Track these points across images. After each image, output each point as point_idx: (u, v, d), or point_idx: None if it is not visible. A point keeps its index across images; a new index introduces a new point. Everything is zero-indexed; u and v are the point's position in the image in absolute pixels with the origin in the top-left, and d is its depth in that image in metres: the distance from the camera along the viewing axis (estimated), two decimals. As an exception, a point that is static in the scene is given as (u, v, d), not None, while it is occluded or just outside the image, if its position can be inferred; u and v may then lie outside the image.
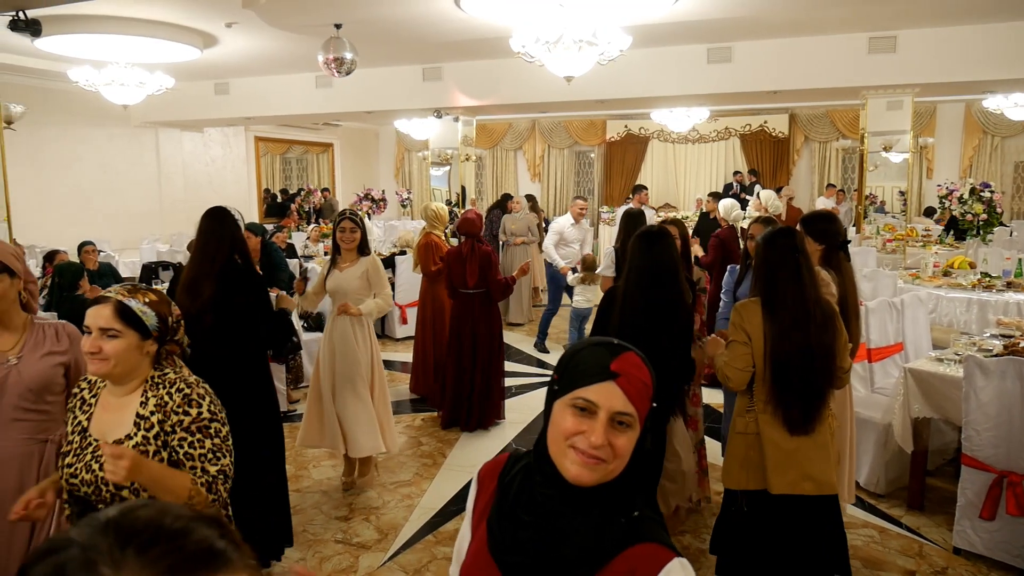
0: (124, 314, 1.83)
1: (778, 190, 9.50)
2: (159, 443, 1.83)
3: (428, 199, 16.06)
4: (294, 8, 6.32)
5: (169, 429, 1.83)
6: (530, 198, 11.56)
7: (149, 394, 1.86)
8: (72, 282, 5.05)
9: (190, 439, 1.83)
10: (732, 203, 6.62)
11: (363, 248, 4.21)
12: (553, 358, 7.36)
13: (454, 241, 6.50)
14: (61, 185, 10.30)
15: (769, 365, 2.71)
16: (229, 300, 3.21)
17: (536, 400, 6.04)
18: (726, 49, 8.20)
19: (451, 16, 6.60)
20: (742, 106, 13.13)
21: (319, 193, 13.96)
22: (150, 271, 7.50)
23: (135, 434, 1.84)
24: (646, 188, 10.65)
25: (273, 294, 3.84)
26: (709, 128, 14.41)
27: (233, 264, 3.29)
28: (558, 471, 1.17)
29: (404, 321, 8.14)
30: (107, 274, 7.10)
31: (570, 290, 7.31)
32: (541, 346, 7.62)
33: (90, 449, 1.85)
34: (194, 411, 1.85)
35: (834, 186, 12.72)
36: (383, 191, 12.06)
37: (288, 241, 9.14)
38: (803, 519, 2.82)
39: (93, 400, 1.95)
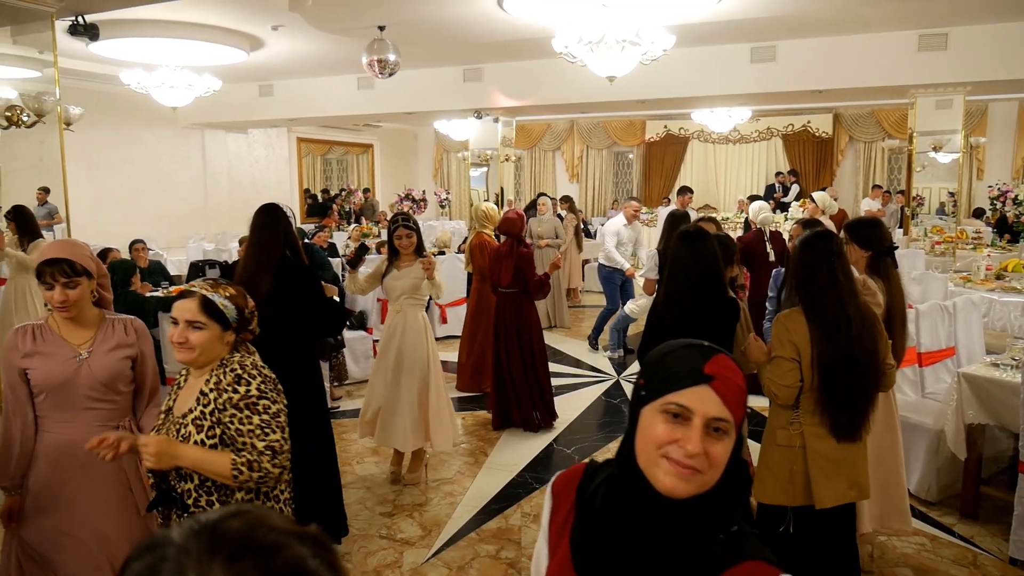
0: (208, 308, 1.97)
1: (822, 191, 9.35)
2: (213, 419, 1.93)
3: (466, 199, 16.19)
4: (339, 10, 6.42)
5: (221, 406, 1.93)
6: (567, 199, 11.54)
7: (214, 374, 1.99)
8: (125, 279, 5.25)
9: (239, 415, 1.92)
10: (761, 206, 6.52)
11: (419, 249, 4.38)
12: (597, 359, 7.32)
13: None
14: (113, 185, 10.60)
15: (816, 373, 2.64)
16: (284, 295, 3.28)
17: (577, 400, 6.04)
18: (770, 48, 8.09)
19: (493, 17, 6.63)
20: (785, 106, 12.95)
21: (360, 193, 14.13)
22: (198, 269, 7.66)
23: (195, 408, 1.96)
24: (692, 191, 10.56)
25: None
26: (750, 128, 14.24)
27: (286, 259, 3.37)
28: (648, 483, 1.09)
29: (444, 320, 8.19)
30: (156, 271, 7.28)
31: (627, 291, 7.31)
32: (593, 343, 7.62)
33: (166, 426, 2.00)
34: (243, 389, 1.94)
35: (880, 187, 12.47)
36: (423, 191, 12.16)
37: (330, 241, 9.27)
38: (840, 527, 2.77)
39: (184, 382, 2.10)
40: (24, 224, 4.79)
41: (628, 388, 6.35)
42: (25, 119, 4.02)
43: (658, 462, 1.08)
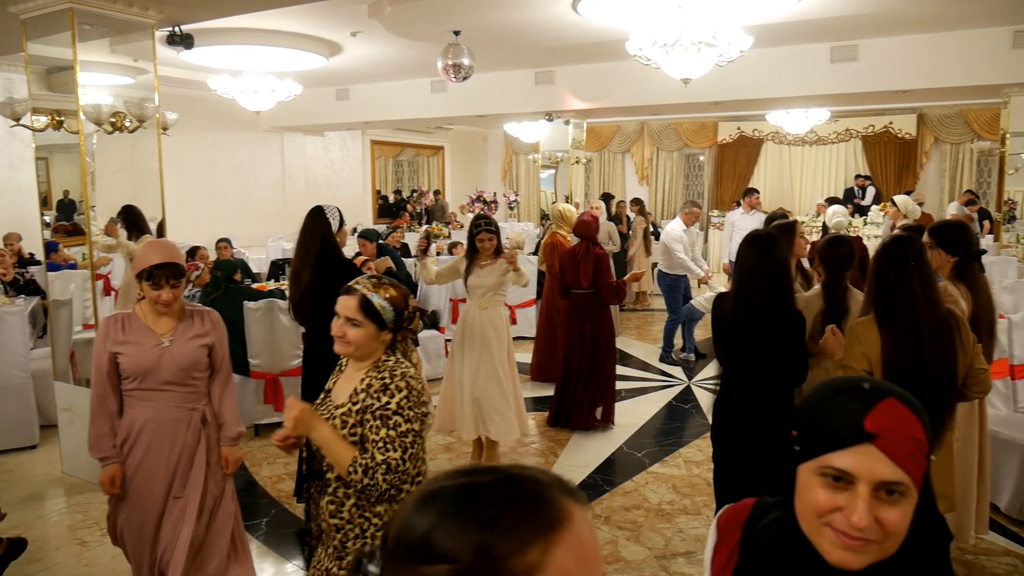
0: (366, 308, 2.03)
1: (903, 195, 9.01)
2: (357, 418, 2.01)
3: (535, 201, 16.24)
4: (417, 17, 6.55)
5: (365, 408, 2.00)
6: (637, 202, 11.46)
7: (369, 376, 2.04)
8: (229, 275, 5.70)
9: (372, 423, 1.97)
10: (836, 210, 6.33)
11: (499, 250, 4.60)
12: (677, 370, 7.19)
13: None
14: (199, 186, 11.07)
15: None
16: (322, 285, 3.52)
17: (646, 405, 6.00)
18: (851, 47, 7.85)
19: (567, 20, 6.66)
20: (865, 106, 12.52)
21: (431, 195, 14.36)
22: (278, 267, 7.95)
23: (346, 404, 2.04)
24: (757, 191, 10.33)
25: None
26: (828, 129, 13.82)
27: (323, 253, 3.66)
28: (815, 549, 0.97)
29: (514, 321, 8.26)
30: (240, 269, 7.60)
31: (685, 295, 7.21)
32: (668, 358, 7.43)
33: (324, 412, 2.09)
34: (384, 399, 1.97)
35: (971, 192, 11.92)
36: (494, 193, 12.26)
37: (402, 241, 9.47)
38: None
39: (345, 366, 2.21)
40: (133, 221, 5.11)
41: (699, 393, 6.28)
42: (127, 124, 4.27)
43: (821, 531, 0.95)
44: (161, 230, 5.00)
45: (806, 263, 5.23)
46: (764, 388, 3.00)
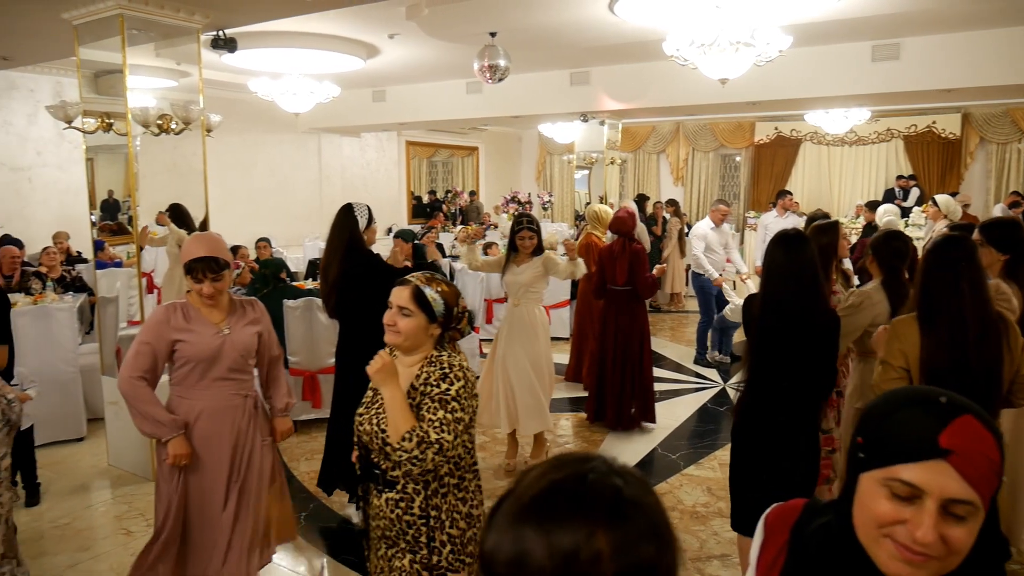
0: (418, 298, 2.10)
1: (946, 195, 8.82)
2: (415, 409, 2.08)
3: (569, 202, 16.22)
4: (454, 18, 6.60)
5: (421, 396, 2.06)
6: (672, 203, 11.39)
7: (424, 370, 2.09)
8: (276, 273, 5.96)
9: (430, 404, 2.02)
10: (887, 208, 6.24)
11: (538, 249, 4.68)
12: (712, 373, 7.15)
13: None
14: (238, 186, 11.29)
15: (924, 383, 2.50)
16: (348, 280, 3.74)
17: (681, 406, 5.98)
18: (893, 46, 7.71)
19: (604, 21, 6.65)
20: (908, 106, 12.28)
21: (465, 195, 14.44)
22: (315, 266, 8.08)
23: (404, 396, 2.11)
24: (791, 193, 10.18)
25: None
26: (869, 129, 13.58)
27: (350, 249, 3.80)
28: (870, 558, 0.95)
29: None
30: (271, 265, 7.76)
31: (721, 300, 7.14)
32: (702, 360, 7.37)
33: (376, 406, 2.13)
34: (444, 385, 2.04)
35: (1017, 193, 11.62)
36: (528, 194, 12.28)
37: (437, 241, 9.54)
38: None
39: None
40: (180, 219, 5.27)
41: (735, 396, 6.23)
42: (173, 127, 4.38)
43: (880, 542, 0.93)
44: (205, 229, 5.12)
45: (848, 264, 5.17)
46: (790, 389, 2.97)
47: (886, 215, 6.11)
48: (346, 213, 3.89)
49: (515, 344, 4.60)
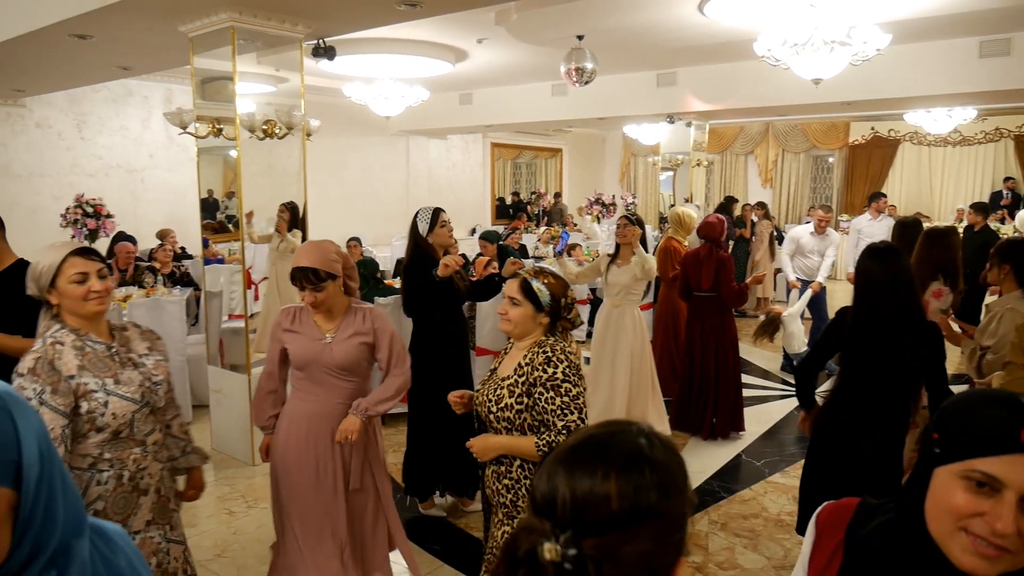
0: (526, 289, 2.32)
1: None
2: (524, 388, 2.23)
3: (653, 204, 16.07)
4: (542, 23, 6.68)
5: (532, 381, 2.21)
6: (761, 205, 11.12)
7: (531, 352, 2.28)
8: (372, 272, 6.29)
9: (546, 395, 2.19)
10: None
11: (644, 244, 4.87)
12: (788, 373, 7.01)
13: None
14: (331, 188, 11.73)
15: None
16: (404, 282, 3.98)
17: (768, 413, 5.86)
18: (1003, 41, 7.31)
19: (693, 22, 6.59)
20: (1019, 104, 11.58)
21: (549, 197, 14.51)
22: (401, 264, 8.33)
23: (511, 376, 2.28)
24: (884, 195, 9.75)
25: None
26: (975, 129, 12.89)
27: (411, 252, 3.99)
28: (942, 553, 0.95)
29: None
30: (368, 265, 8.04)
31: (813, 305, 6.94)
32: (789, 367, 7.13)
33: (490, 385, 2.34)
34: (550, 370, 2.20)
35: None
36: (612, 196, 12.26)
37: (520, 243, 9.65)
38: None
39: (509, 349, 2.45)
40: (294, 218, 5.53)
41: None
42: (277, 131, 4.63)
43: (955, 535, 0.94)
44: (304, 230, 5.38)
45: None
46: (879, 405, 2.89)
47: None
48: (414, 218, 4.06)
49: (613, 345, 4.74)
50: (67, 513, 0.89)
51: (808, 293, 6.24)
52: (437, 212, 4.02)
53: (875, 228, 7.94)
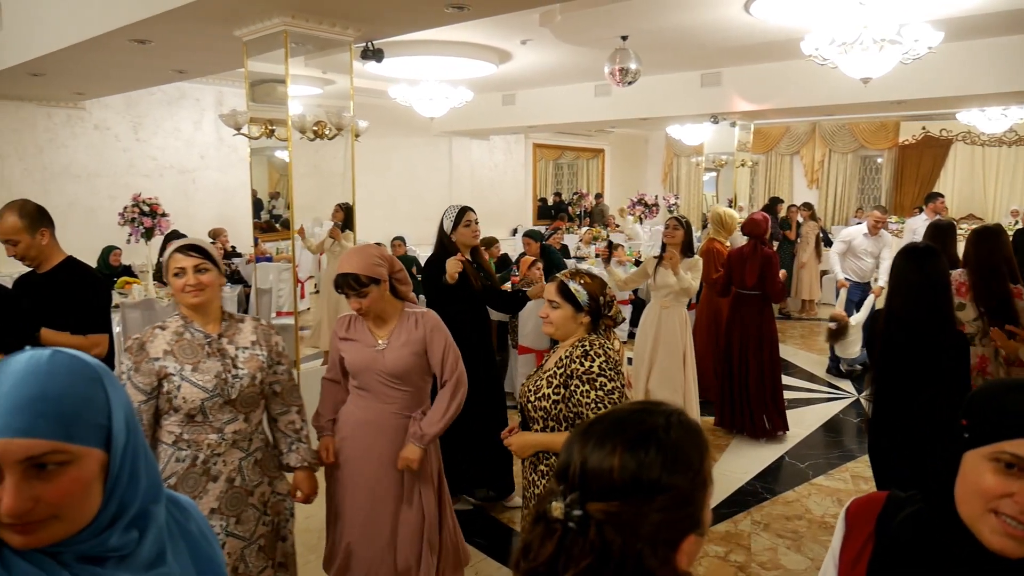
0: (563, 291, 2.38)
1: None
2: (562, 379, 2.30)
3: (696, 204, 15.94)
4: (586, 23, 6.71)
5: (569, 373, 2.29)
6: (807, 206, 10.96)
7: (572, 347, 2.35)
8: (408, 268, 6.21)
9: (582, 388, 2.25)
10: None
11: (688, 248, 4.92)
12: (847, 383, 6.83)
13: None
14: (376, 188, 11.90)
15: None
16: (424, 279, 4.01)
17: (812, 415, 5.80)
18: (1063, 37, 7.11)
19: (738, 22, 6.55)
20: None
21: (591, 197, 14.50)
22: (445, 265, 8.44)
23: (553, 368, 2.35)
24: (942, 196, 9.53)
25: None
26: (1031, 128, 12.51)
27: (434, 251, 4.01)
28: (972, 535, 0.99)
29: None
30: (407, 262, 8.17)
31: (858, 305, 6.83)
32: (835, 370, 7.03)
33: (534, 378, 2.42)
34: (587, 364, 2.26)
35: None
36: (655, 196, 12.21)
37: (562, 243, 9.68)
38: None
39: (554, 349, 2.51)
40: (348, 218, 5.69)
41: (869, 408, 5.95)
42: (327, 133, 4.75)
43: (985, 517, 0.97)
44: (351, 229, 5.51)
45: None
46: (903, 405, 2.87)
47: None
48: (442, 216, 4.07)
49: (658, 347, 4.80)
50: (148, 480, 0.98)
51: (871, 299, 6.15)
52: (464, 211, 3.96)
53: None
